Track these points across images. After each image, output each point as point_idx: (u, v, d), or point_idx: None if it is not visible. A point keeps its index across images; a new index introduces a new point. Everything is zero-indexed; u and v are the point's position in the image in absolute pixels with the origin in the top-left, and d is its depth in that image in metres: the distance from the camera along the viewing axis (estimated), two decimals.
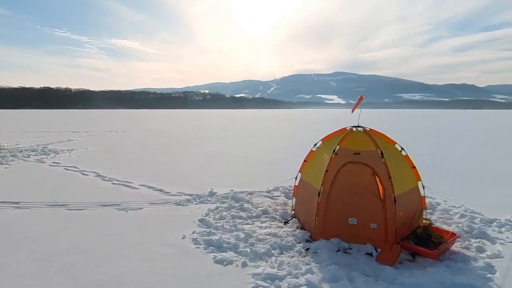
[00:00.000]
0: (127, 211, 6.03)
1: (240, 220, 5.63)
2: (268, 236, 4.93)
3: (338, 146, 5.04)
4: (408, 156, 5.33)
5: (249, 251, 4.39)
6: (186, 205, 6.43)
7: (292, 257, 4.39)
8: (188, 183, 8.19)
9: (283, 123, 40.24)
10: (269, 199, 7.00)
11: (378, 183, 4.74)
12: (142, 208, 6.19)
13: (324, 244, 4.65)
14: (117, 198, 6.82)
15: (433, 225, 4.93)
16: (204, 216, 5.77)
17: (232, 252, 4.40)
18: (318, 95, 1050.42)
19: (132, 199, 6.76)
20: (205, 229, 5.15)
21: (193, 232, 5.02)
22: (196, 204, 6.53)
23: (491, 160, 12.03)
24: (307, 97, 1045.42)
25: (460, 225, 5.38)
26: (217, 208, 6.23)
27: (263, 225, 5.46)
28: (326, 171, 4.88)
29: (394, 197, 4.57)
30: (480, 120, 46.89)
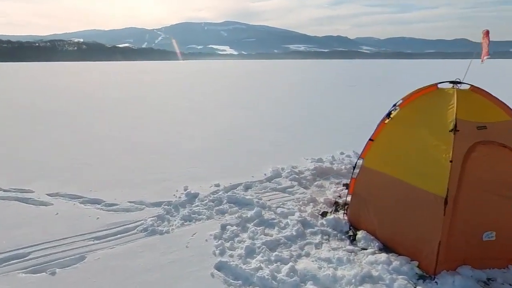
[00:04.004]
0: (53, 274, 2.91)
1: (286, 252, 3.27)
2: (368, 286, 2.79)
3: (455, 117, 3.03)
4: None
5: None
6: (167, 232, 3.62)
7: None
8: (139, 179, 5.13)
9: (200, 78, 36.39)
10: (281, 193, 4.74)
11: None
12: (84, 259, 3.12)
13: (460, 283, 2.81)
14: (13, 237, 3.46)
15: None
16: (220, 255, 3.19)
17: None
18: (210, 46, 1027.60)
19: (47, 233, 3.52)
20: None
21: None
22: (181, 225, 3.78)
23: None
24: (199, 47, 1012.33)
25: None
26: (225, 229, 3.66)
27: (327, 254, 3.24)
28: (450, 161, 2.88)
29: None
30: (368, 69, 51.92)
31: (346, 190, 4.72)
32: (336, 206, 4.29)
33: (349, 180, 4.14)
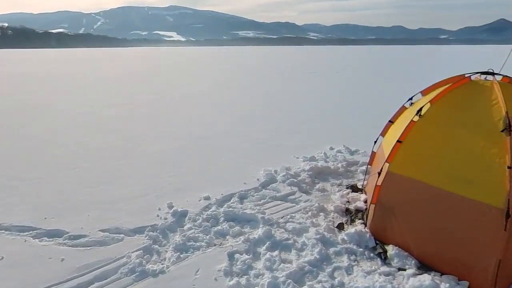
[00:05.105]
0: None
1: (317, 285, 2.68)
2: None
3: (505, 114, 2.64)
4: None
5: None
6: (162, 271, 2.81)
7: None
8: (108, 196, 4.16)
9: (151, 66, 33.97)
10: (283, 202, 4.14)
11: None
12: None
13: None
14: None
15: None
16: None
17: None
18: (156, 32, 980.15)
19: None
20: None
21: None
22: (177, 259, 2.99)
23: None
24: (144, 33, 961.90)
25: None
26: (233, 259, 2.97)
27: (364, 281, 2.72)
28: (508, 167, 2.49)
29: None
30: (332, 56, 52.84)
31: (354, 194, 4.30)
32: (350, 215, 3.81)
33: (350, 181, 3.66)
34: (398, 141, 3.13)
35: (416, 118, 3.11)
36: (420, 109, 3.09)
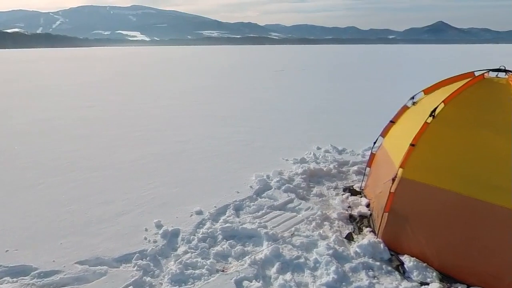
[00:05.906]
0: None
1: None
2: None
3: None
4: None
5: None
6: None
7: None
8: (83, 217, 3.58)
9: (116, 67, 32.22)
10: (283, 212, 3.81)
11: None
12: None
13: None
14: None
15: None
16: None
17: None
18: (119, 31, 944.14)
19: None
20: None
21: None
22: None
23: None
24: (106, 33, 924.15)
25: None
26: (242, 287, 2.59)
27: None
28: None
29: None
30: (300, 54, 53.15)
31: (353, 197, 4.08)
32: (356, 222, 3.57)
33: (345, 184, 3.41)
34: (411, 144, 2.90)
35: (430, 120, 2.89)
36: (434, 110, 2.87)
